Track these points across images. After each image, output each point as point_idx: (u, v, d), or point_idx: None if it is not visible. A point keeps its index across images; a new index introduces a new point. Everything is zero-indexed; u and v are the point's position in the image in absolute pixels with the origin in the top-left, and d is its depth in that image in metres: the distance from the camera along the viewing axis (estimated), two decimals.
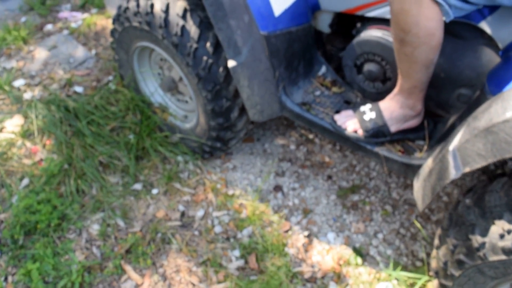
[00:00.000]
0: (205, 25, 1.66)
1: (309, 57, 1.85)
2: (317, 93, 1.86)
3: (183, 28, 1.64)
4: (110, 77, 2.47)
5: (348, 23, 1.86)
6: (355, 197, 2.00)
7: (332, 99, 1.84)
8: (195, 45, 1.64)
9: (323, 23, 1.84)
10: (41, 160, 2.05)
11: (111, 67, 2.51)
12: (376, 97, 1.73)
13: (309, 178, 2.06)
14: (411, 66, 1.39)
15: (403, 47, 1.34)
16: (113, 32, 1.99)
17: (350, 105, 1.81)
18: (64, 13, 2.94)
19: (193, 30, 1.64)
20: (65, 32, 2.81)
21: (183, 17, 1.65)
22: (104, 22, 2.89)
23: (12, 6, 3.02)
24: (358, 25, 1.74)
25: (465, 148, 1.14)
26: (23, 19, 2.92)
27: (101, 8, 3.00)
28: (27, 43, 2.71)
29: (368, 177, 2.08)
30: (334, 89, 1.89)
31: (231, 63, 1.54)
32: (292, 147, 2.18)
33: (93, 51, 2.67)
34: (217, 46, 1.66)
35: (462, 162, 1.14)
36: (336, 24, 1.86)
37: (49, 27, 2.85)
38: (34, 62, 2.58)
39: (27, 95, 2.34)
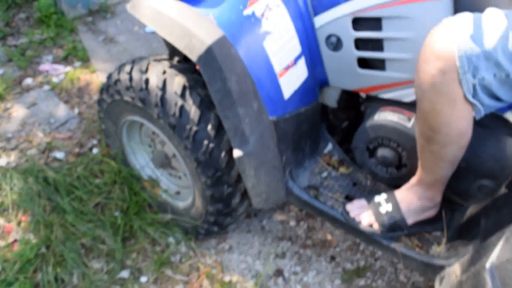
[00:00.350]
0: (206, 104, 1.52)
1: (315, 134, 1.74)
2: (324, 174, 1.74)
3: (181, 108, 1.50)
4: (94, 141, 2.29)
5: (356, 97, 1.77)
6: (361, 282, 1.86)
7: (341, 181, 1.72)
8: (195, 128, 1.50)
9: (331, 98, 1.75)
10: (16, 241, 1.83)
11: (95, 130, 2.33)
12: (389, 182, 1.63)
13: (311, 260, 1.90)
14: (436, 163, 1.29)
15: (430, 145, 1.24)
16: (100, 102, 1.83)
17: (360, 188, 1.70)
18: (46, 66, 2.76)
19: (193, 110, 1.50)
20: (46, 87, 2.63)
21: (182, 95, 1.51)
22: (88, 77, 2.72)
23: None
24: (366, 101, 1.66)
25: (505, 269, 1.02)
26: (0, 71, 2.73)
27: (85, 61, 2.84)
28: (4, 99, 2.51)
29: (373, 257, 1.95)
30: (342, 169, 1.77)
31: (237, 153, 1.40)
32: (292, 223, 2.03)
33: (76, 110, 2.49)
34: (219, 128, 1.52)
35: (502, 284, 1.02)
36: (344, 99, 1.78)
37: (28, 81, 2.67)
38: (11, 122, 2.38)
39: (2, 161, 2.14)
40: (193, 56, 1.29)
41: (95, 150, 2.23)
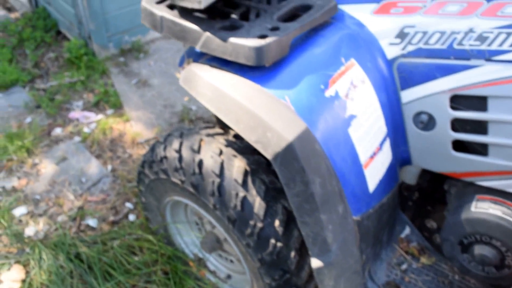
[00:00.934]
0: (271, 194, 1.28)
1: (393, 220, 1.48)
2: (404, 266, 1.47)
3: (244, 200, 1.26)
4: (129, 205, 2.07)
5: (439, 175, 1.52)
6: None
7: (423, 275, 1.45)
8: (260, 224, 1.26)
9: (410, 176, 1.50)
10: None
11: (131, 192, 2.12)
12: (485, 280, 1.36)
13: None
14: None
15: None
16: (141, 175, 1.61)
17: (447, 284, 1.43)
18: (76, 113, 2.58)
19: (257, 203, 1.26)
20: (76, 139, 2.43)
21: (244, 184, 1.27)
22: (121, 126, 2.52)
23: (17, 101, 2.66)
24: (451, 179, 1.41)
25: None
26: (28, 119, 2.55)
27: (118, 108, 2.65)
28: (32, 153, 2.32)
29: None
30: (423, 259, 1.50)
31: (316, 264, 1.15)
32: None
33: (109, 167, 2.28)
34: (288, 223, 1.28)
35: None
36: (425, 177, 1.52)
37: (57, 131, 2.48)
38: (40, 180, 2.18)
39: (29, 231, 1.93)
40: (268, 154, 1.05)
41: (131, 217, 2.01)
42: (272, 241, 1.26)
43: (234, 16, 1.22)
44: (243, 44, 1.09)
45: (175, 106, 2.70)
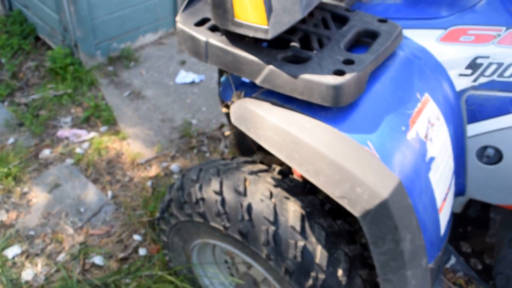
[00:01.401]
0: (331, 240, 1.15)
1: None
2: None
3: (304, 249, 1.12)
4: (137, 237, 1.87)
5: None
6: None
7: None
8: (322, 276, 1.12)
9: (457, 205, 1.42)
10: None
11: (137, 222, 1.91)
12: None
13: None
14: None
15: None
16: (165, 215, 1.43)
17: None
18: (65, 131, 2.33)
19: (318, 252, 1.12)
20: (68, 161, 2.19)
21: (302, 231, 1.13)
22: (117, 145, 2.30)
23: None
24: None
25: None
26: (11, 139, 2.28)
27: (112, 124, 2.42)
28: (20, 181, 2.07)
29: None
30: None
31: None
32: None
33: (109, 193, 2.06)
34: (351, 270, 1.15)
35: None
36: (472, 205, 1.44)
37: (46, 153, 2.22)
38: (31, 212, 1.94)
39: (27, 275, 1.69)
40: (357, 211, 0.91)
41: (141, 251, 1.81)
42: None
43: (294, 44, 1.06)
44: (318, 81, 0.93)
45: (173, 120, 2.50)
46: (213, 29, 1.13)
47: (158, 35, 3.03)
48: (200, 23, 1.14)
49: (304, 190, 1.25)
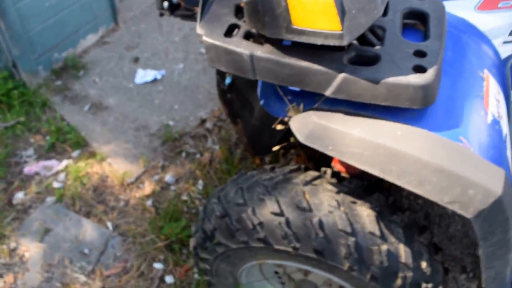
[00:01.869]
0: (408, 235, 1.12)
1: None
2: None
3: (388, 252, 1.07)
4: (158, 265, 1.72)
5: None
6: None
7: None
8: (409, 274, 1.08)
9: None
10: None
11: (152, 249, 1.75)
12: None
13: None
14: None
15: None
16: (207, 244, 1.30)
17: None
18: (32, 167, 2.04)
19: (402, 251, 1.09)
20: (49, 199, 1.93)
21: (382, 234, 1.08)
22: (98, 168, 2.06)
23: None
24: None
25: None
26: None
27: (83, 146, 2.16)
28: (1, 236, 1.79)
29: None
30: None
31: None
32: None
33: (109, 224, 1.86)
34: (431, 259, 1.13)
35: None
36: None
37: (19, 196, 1.94)
38: (29, 269, 1.70)
39: None
40: (470, 213, 0.85)
41: (168, 279, 1.67)
42: (424, 285, 1.10)
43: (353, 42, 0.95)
44: (404, 83, 0.84)
45: (148, 127, 2.29)
46: (247, 37, 0.98)
47: (100, 34, 2.71)
48: (228, 31, 0.99)
49: (366, 189, 1.18)
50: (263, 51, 0.92)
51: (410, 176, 0.87)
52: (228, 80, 1.47)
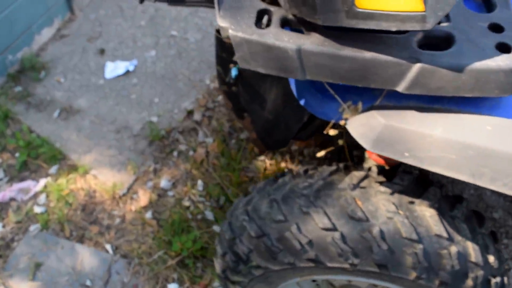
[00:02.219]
0: (472, 229, 1.01)
1: None
2: None
3: (458, 254, 0.94)
4: (173, 285, 1.54)
5: None
6: None
7: None
8: (480, 272, 0.98)
9: None
10: None
11: (164, 268, 1.57)
12: None
13: None
14: None
15: None
16: (240, 266, 1.14)
17: None
18: (5, 192, 1.78)
19: (471, 249, 0.98)
20: (33, 228, 1.69)
21: (449, 235, 0.95)
22: (83, 183, 1.82)
23: None
24: None
25: None
26: None
27: (61, 159, 1.90)
28: None
29: None
30: None
31: None
32: None
33: (108, 247, 1.65)
34: (495, 250, 1.03)
35: None
36: None
37: None
38: None
39: None
40: None
41: None
42: (494, 281, 0.99)
43: None
44: (493, 68, 0.67)
45: (130, 127, 2.05)
46: (283, 25, 0.78)
47: (56, 27, 2.38)
48: (257, 20, 0.78)
49: (419, 184, 1.03)
50: (313, 43, 0.72)
51: (507, 177, 0.71)
52: (234, 72, 1.26)
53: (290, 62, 0.74)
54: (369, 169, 1.06)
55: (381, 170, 1.05)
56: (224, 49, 1.29)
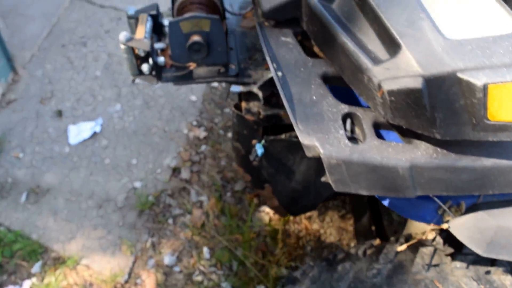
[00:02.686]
0: None
1: None
2: None
3: None
4: None
5: None
6: None
7: None
8: None
9: None
10: None
11: None
12: None
13: None
14: None
15: None
16: None
17: None
18: None
19: None
20: None
21: None
22: (75, 277, 1.60)
23: None
24: None
25: None
26: None
27: (43, 253, 1.64)
28: None
29: None
30: None
31: None
32: None
33: None
34: None
35: None
36: None
37: None
38: None
39: None
40: None
41: None
42: None
43: None
44: None
45: (112, 198, 1.83)
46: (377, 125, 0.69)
47: (0, 92, 2.07)
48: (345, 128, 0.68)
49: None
50: (424, 156, 0.64)
51: None
52: (260, 150, 1.15)
53: (401, 181, 0.64)
54: (433, 240, 1.00)
55: (445, 239, 0.99)
56: (245, 126, 1.16)
